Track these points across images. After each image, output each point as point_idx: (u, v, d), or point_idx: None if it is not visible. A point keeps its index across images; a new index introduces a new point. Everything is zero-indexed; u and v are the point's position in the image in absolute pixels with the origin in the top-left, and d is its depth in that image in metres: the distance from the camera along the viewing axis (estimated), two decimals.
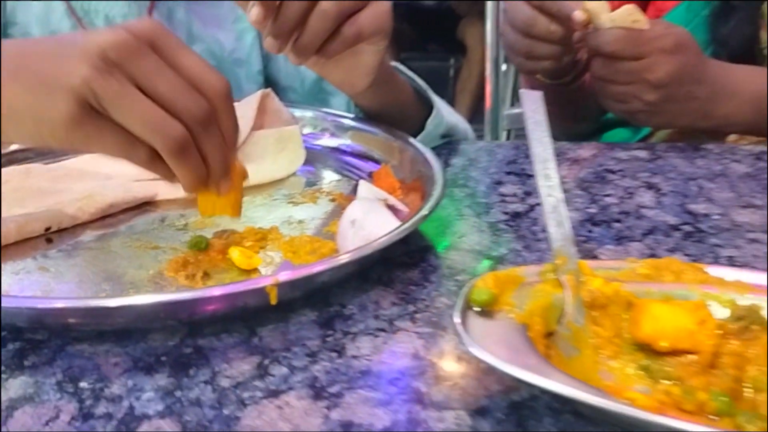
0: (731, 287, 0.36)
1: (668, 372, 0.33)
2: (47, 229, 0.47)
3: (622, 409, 0.27)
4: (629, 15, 0.65)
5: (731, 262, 0.45)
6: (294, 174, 0.59)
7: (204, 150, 0.38)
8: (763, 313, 0.35)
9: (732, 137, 0.75)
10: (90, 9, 0.66)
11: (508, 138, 1.54)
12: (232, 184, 0.41)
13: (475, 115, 2.37)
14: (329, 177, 0.58)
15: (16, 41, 0.44)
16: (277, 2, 0.45)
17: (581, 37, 0.69)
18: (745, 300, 0.35)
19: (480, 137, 1.59)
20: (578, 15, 0.65)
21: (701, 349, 0.33)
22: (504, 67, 1.49)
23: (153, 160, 0.38)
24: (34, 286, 0.42)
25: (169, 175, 0.39)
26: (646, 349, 0.34)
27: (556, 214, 0.37)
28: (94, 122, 0.37)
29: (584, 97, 0.80)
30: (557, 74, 0.76)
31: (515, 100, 1.52)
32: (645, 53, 0.65)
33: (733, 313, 0.35)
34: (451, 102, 2.86)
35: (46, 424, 0.31)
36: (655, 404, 0.31)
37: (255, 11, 0.44)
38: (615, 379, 0.33)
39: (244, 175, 0.43)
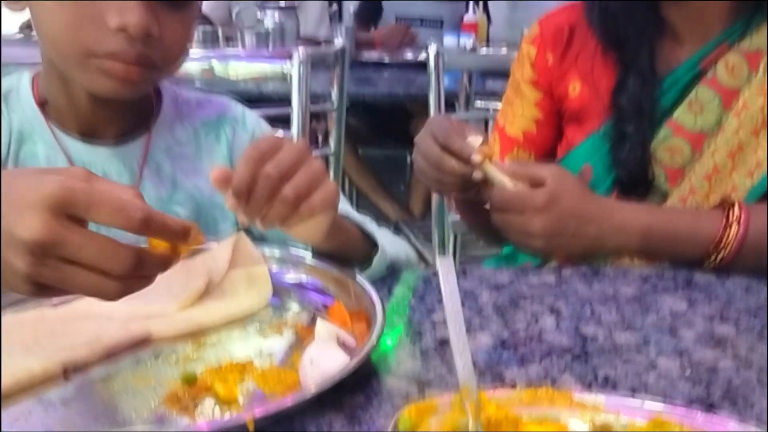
0: (590, 409, 0.49)
1: None
2: (65, 371, 0.58)
3: None
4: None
5: (605, 382, 0.58)
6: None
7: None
8: (614, 428, 0.48)
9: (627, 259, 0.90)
10: (89, 165, 0.79)
11: (455, 239, 1.68)
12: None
13: (428, 207, 2.53)
14: (292, 309, 0.71)
15: None
16: (246, 194, 0.59)
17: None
18: (600, 418, 0.49)
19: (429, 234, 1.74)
20: (475, 158, 0.81)
21: None
22: None
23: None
24: (37, 423, 0.52)
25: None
26: None
27: (462, 355, 0.50)
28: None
29: None
30: (465, 191, 0.90)
31: None
32: (521, 211, 0.81)
33: (592, 428, 0.48)
34: (408, 190, 3.03)
35: None
36: None
37: (230, 201, 0.59)
38: None
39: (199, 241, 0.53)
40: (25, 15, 2.58)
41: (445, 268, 0.53)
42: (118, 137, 0.80)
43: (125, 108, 0.79)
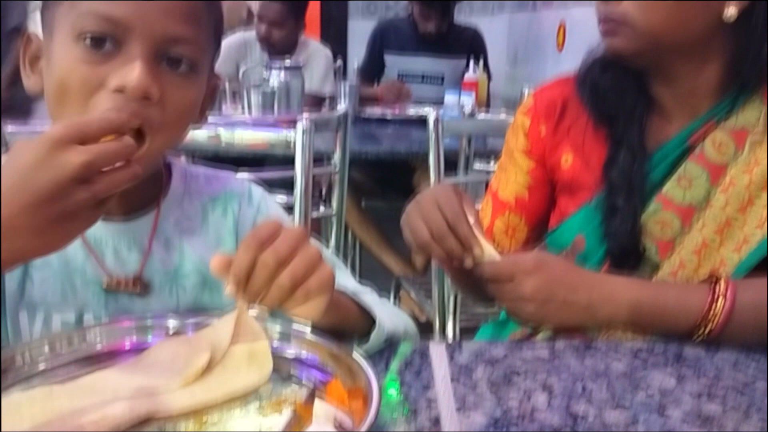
0: None
1: None
2: None
3: None
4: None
5: None
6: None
7: None
8: None
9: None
10: (100, 241, 0.82)
11: (455, 297, 1.70)
12: None
13: (430, 261, 2.55)
14: (292, 386, 0.73)
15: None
16: (245, 281, 0.63)
17: None
18: None
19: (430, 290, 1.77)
20: (468, 263, 0.86)
21: None
22: None
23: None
24: None
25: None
26: None
27: None
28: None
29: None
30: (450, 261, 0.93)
31: None
32: (512, 276, 0.84)
33: None
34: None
35: None
36: None
37: (230, 288, 0.63)
38: None
39: None
40: None
41: (438, 355, 0.56)
42: (129, 214, 0.83)
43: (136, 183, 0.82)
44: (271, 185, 1.00)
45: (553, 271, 0.87)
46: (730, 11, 0.89)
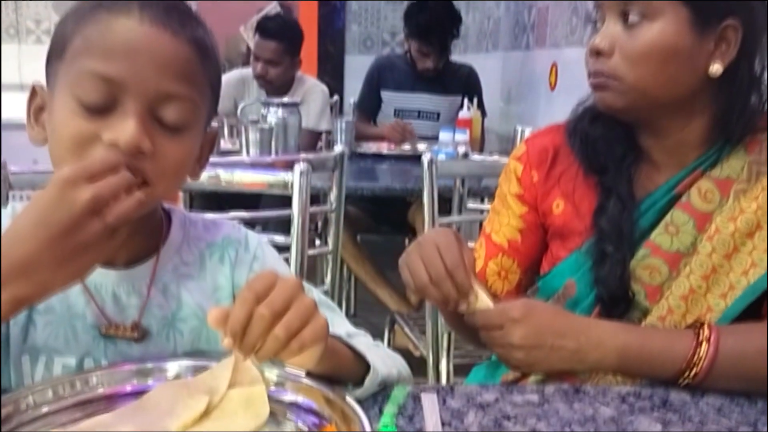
0: None
1: None
2: None
3: None
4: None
5: None
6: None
7: None
8: None
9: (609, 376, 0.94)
10: (100, 287, 0.85)
11: (449, 335, 1.72)
12: None
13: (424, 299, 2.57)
14: (287, 429, 0.75)
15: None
16: (242, 334, 0.66)
17: None
18: None
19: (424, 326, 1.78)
20: (463, 309, 0.89)
21: None
22: None
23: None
24: None
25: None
26: None
27: None
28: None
29: None
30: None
31: None
32: (501, 324, 0.87)
33: None
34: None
35: None
36: None
37: (227, 341, 0.66)
38: None
39: None
40: None
41: (429, 403, 0.58)
42: (129, 261, 0.86)
43: (134, 232, 0.84)
44: (266, 224, 1.02)
45: (541, 317, 0.89)
46: (716, 68, 0.93)
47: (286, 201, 1.48)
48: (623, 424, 0.78)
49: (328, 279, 1.78)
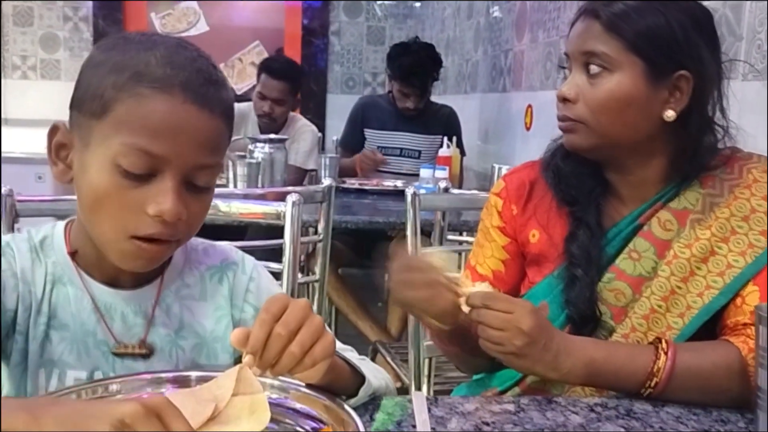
0: None
1: None
2: None
3: None
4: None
5: None
6: None
7: None
8: None
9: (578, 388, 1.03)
10: (110, 307, 0.92)
11: (430, 362, 1.79)
12: None
13: (405, 327, 2.64)
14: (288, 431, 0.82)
15: (54, 405, 0.63)
16: (261, 352, 0.74)
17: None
18: None
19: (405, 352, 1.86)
20: (465, 309, 0.96)
21: None
22: None
23: None
24: None
25: None
26: None
27: None
28: None
29: (473, 337, 1.04)
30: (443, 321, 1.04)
31: None
32: (513, 309, 0.94)
33: None
34: (386, 307, 3.14)
35: None
36: None
37: (248, 359, 0.74)
38: None
39: None
40: None
41: (419, 402, 0.66)
42: (136, 284, 0.94)
43: None
44: (252, 253, 1.09)
45: (543, 317, 0.97)
46: (670, 114, 1.04)
47: (271, 231, 1.56)
48: (591, 430, 0.86)
49: (315, 307, 1.86)
